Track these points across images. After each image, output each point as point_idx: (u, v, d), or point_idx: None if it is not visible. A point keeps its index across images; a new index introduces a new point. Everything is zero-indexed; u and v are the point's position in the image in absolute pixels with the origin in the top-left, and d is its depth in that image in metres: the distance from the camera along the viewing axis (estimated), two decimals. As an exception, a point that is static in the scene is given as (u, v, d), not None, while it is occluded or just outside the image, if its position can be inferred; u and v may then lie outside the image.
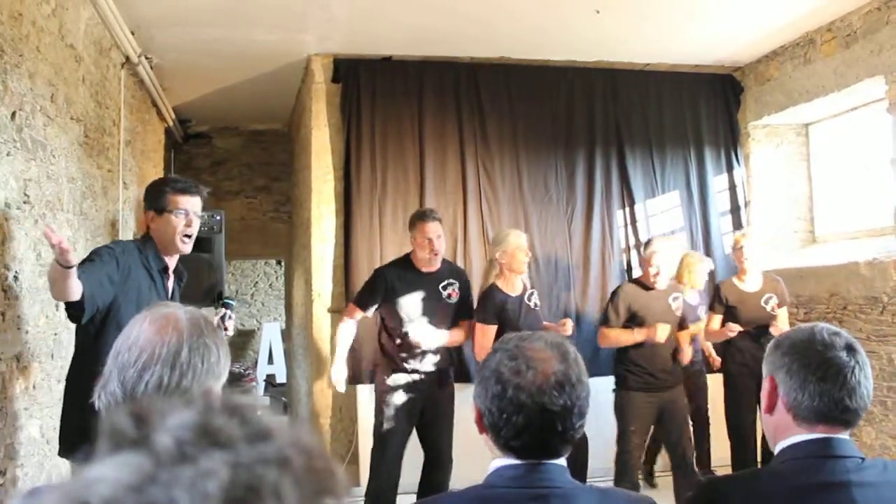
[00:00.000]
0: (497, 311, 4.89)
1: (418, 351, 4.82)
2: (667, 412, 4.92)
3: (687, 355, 5.04)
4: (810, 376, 1.72)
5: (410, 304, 4.85)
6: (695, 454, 5.69)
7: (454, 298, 4.93)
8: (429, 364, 4.85)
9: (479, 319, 4.96)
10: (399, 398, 4.83)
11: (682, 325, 5.11)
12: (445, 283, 4.92)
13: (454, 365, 5.14)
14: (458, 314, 5.02)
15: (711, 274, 6.12)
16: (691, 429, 5.09)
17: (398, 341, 4.85)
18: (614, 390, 5.04)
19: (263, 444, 0.58)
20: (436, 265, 4.90)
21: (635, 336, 4.88)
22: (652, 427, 5.01)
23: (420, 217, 4.86)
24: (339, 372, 5.03)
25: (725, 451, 5.49)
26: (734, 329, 5.18)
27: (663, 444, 5.11)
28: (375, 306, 4.94)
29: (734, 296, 5.33)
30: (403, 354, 4.84)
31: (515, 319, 4.83)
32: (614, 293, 5.16)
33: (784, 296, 5.40)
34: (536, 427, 1.54)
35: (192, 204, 3.44)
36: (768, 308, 5.28)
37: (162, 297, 3.25)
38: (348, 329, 5.08)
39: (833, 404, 1.70)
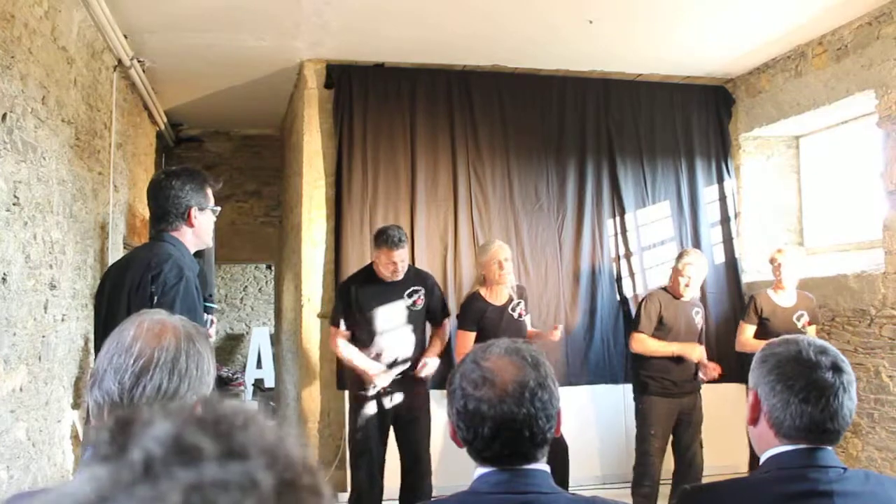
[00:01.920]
0: (476, 318, 5.03)
1: (390, 360, 4.90)
2: (684, 418, 5.12)
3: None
4: (793, 398, 1.72)
5: (378, 316, 4.92)
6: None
7: (419, 305, 5.00)
8: (401, 371, 4.93)
9: (458, 326, 5.13)
10: (372, 406, 4.92)
11: (699, 337, 5.28)
12: (410, 290, 4.99)
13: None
14: (429, 319, 5.13)
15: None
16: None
17: (370, 352, 4.91)
18: (635, 397, 5.23)
19: (234, 463, 0.56)
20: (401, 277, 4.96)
21: (673, 350, 5.08)
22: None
23: (386, 242, 4.82)
24: (374, 368, 4.89)
25: (716, 460, 5.51)
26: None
27: (673, 448, 5.20)
28: (348, 320, 5.02)
29: (768, 307, 5.42)
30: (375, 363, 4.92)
31: (494, 328, 4.91)
32: (647, 299, 5.32)
33: (816, 315, 5.51)
34: (504, 437, 1.56)
35: None
36: (799, 325, 5.36)
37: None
38: (345, 344, 5.03)
39: (814, 425, 1.71)
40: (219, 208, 3.26)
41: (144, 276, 2.93)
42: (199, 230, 3.17)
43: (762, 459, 1.78)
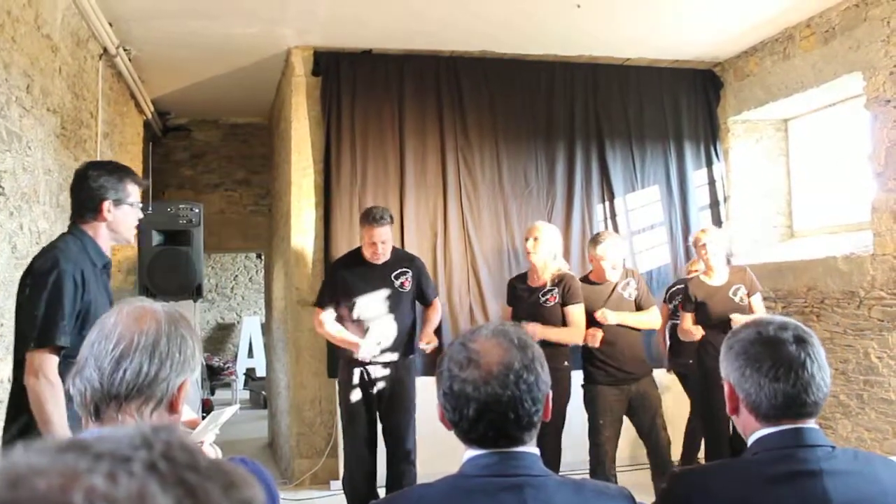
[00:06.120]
0: (508, 298, 5.28)
1: (376, 341, 4.88)
2: (636, 403, 5.01)
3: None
4: (762, 378, 1.73)
5: (364, 298, 4.91)
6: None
7: (407, 287, 4.98)
8: (387, 355, 4.91)
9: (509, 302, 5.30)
10: (357, 390, 4.93)
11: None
12: (398, 272, 4.97)
13: (414, 354, 5.16)
14: (419, 300, 5.12)
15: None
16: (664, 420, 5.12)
17: (358, 334, 4.90)
18: (583, 385, 5.13)
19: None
20: (384, 258, 4.94)
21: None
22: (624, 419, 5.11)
23: (367, 220, 4.85)
24: (363, 343, 4.86)
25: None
26: (697, 335, 5.20)
27: (638, 435, 5.15)
28: (334, 301, 5.00)
29: (702, 292, 5.32)
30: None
31: (521, 308, 5.02)
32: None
33: (753, 284, 5.37)
34: (488, 418, 1.55)
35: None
36: (737, 299, 5.24)
37: (107, 295, 2.96)
38: (329, 320, 5.01)
39: (791, 401, 1.72)
40: (141, 204, 3.08)
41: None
42: (114, 224, 2.99)
43: (749, 442, 1.79)
